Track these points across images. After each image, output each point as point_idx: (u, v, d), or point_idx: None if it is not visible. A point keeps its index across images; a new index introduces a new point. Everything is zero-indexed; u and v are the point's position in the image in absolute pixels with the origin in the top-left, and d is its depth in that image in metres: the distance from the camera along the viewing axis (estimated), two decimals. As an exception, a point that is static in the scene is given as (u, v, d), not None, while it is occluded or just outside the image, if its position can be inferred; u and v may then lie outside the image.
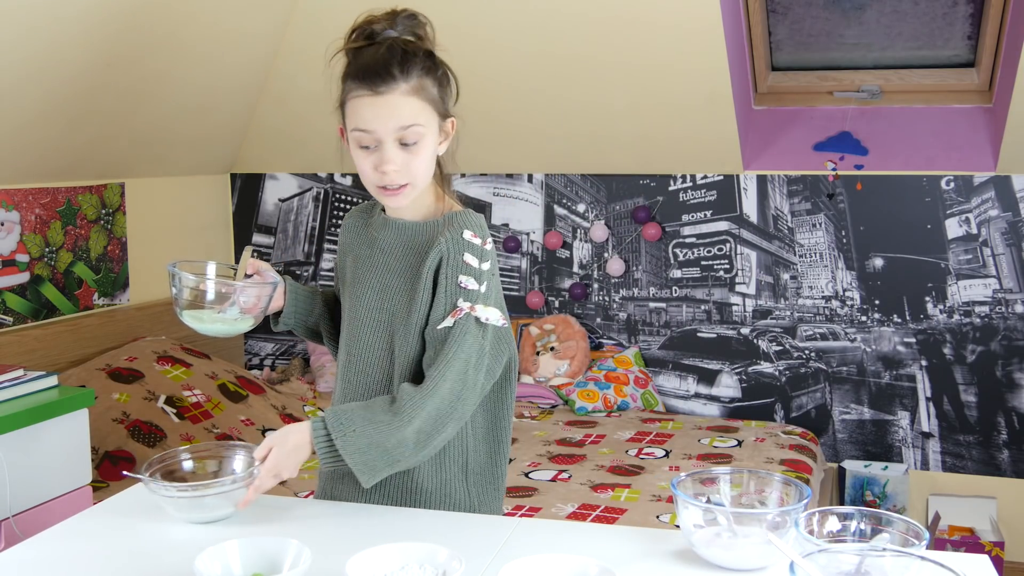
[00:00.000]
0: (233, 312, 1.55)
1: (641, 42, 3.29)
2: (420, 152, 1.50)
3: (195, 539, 1.40)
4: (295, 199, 4.21)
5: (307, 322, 1.74)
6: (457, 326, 1.48)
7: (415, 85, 1.48)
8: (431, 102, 1.51)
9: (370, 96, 1.47)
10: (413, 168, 1.50)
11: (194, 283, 1.54)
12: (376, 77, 1.47)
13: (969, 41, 3.47)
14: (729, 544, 1.31)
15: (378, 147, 1.49)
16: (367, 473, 1.44)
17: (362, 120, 1.48)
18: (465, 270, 1.50)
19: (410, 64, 1.48)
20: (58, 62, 2.83)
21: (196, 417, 3.17)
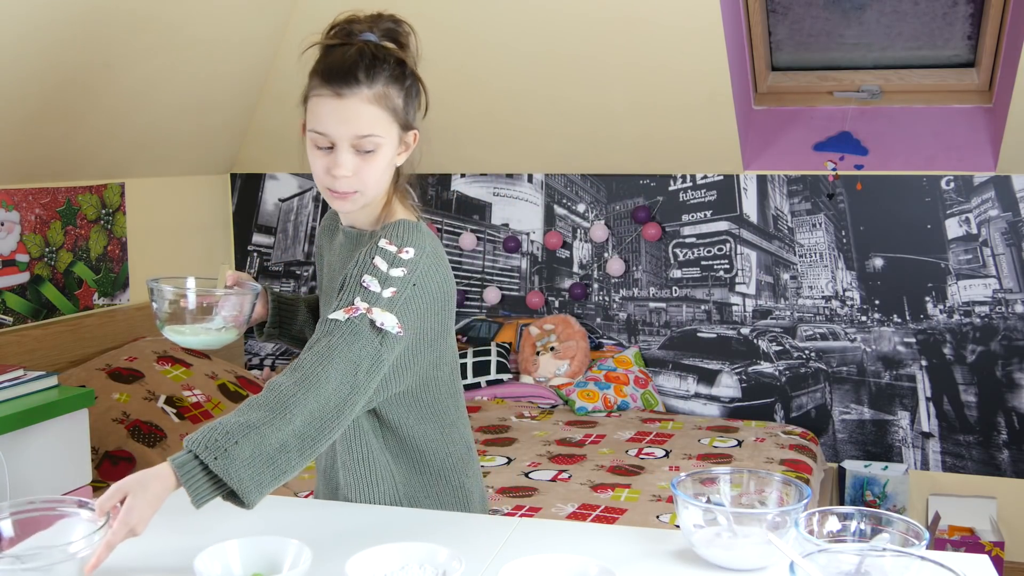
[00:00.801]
0: (216, 323, 1.52)
1: (641, 42, 3.29)
2: (374, 161, 1.47)
3: (195, 539, 1.39)
4: (295, 199, 4.21)
5: (291, 331, 1.72)
6: (349, 324, 1.37)
7: (378, 93, 1.45)
8: (392, 112, 1.47)
9: (331, 98, 1.44)
10: (365, 176, 1.47)
11: (174, 295, 1.51)
12: (340, 79, 1.43)
13: (969, 41, 3.47)
14: (729, 544, 1.31)
15: (333, 150, 1.46)
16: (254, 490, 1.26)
17: (320, 121, 1.45)
18: (371, 270, 1.43)
19: (377, 70, 1.44)
20: (58, 62, 2.83)
21: (196, 417, 3.17)
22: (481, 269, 4.06)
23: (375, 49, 1.47)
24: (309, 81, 1.49)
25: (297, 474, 1.38)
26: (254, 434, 1.27)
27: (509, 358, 3.91)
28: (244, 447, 1.25)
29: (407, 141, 1.53)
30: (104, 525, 1.26)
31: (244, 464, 1.25)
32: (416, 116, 1.53)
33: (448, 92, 3.58)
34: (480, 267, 4.06)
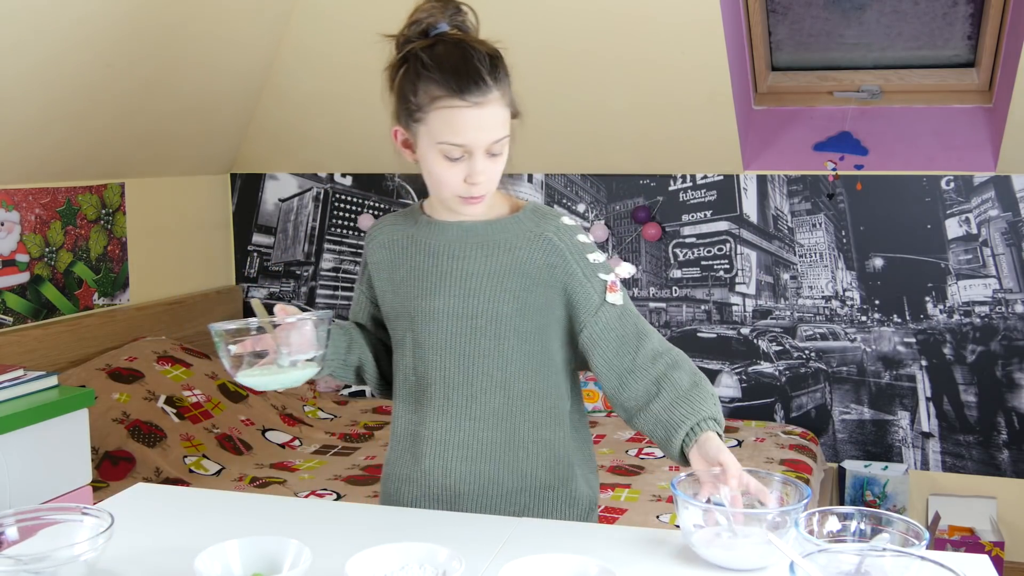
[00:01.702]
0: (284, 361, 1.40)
1: (641, 42, 3.29)
2: (502, 160, 1.47)
3: (195, 539, 1.39)
4: (295, 199, 4.21)
5: (347, 360, 1.59)
6: (625, 299, 1.53)
7: (503, 93, 1.43)
8: (511, 106, 1.46)
9: (468, 108, 1.39)
10: (494, 176, 1.46)
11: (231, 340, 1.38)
12: (472, 85, 1.38)
13: (969, 41, 3.47)
14: (729, 544, 1.31)
15: (465, 158, 1.42)
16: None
17: (456, 133, 1.40)
18: (588, 249, 1.51)
19: (497, 70, 1.42)
20: (59, 63, 2.83)
21: (196, 417, 3.17)
22: (481, 269, 4.05)
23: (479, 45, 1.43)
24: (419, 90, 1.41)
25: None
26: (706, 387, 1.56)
27: (509, 358, 3.90)
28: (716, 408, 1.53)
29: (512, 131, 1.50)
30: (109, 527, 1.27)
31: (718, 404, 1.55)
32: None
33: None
34: (480, 267, 4.05)
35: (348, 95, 3.68)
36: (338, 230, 4.17)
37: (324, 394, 3.85)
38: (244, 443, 3.19)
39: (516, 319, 1.49)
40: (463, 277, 1.51)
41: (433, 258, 1.53)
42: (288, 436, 3.33)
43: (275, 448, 3.24)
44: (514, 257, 1.49)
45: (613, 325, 1.51)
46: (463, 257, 1.51)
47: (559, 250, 1.48)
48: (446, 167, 1.43)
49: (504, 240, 1.50)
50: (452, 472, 1.53)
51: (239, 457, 3.12)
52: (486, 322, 1.50)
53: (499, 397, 1.51)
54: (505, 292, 1.49)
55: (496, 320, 1.50)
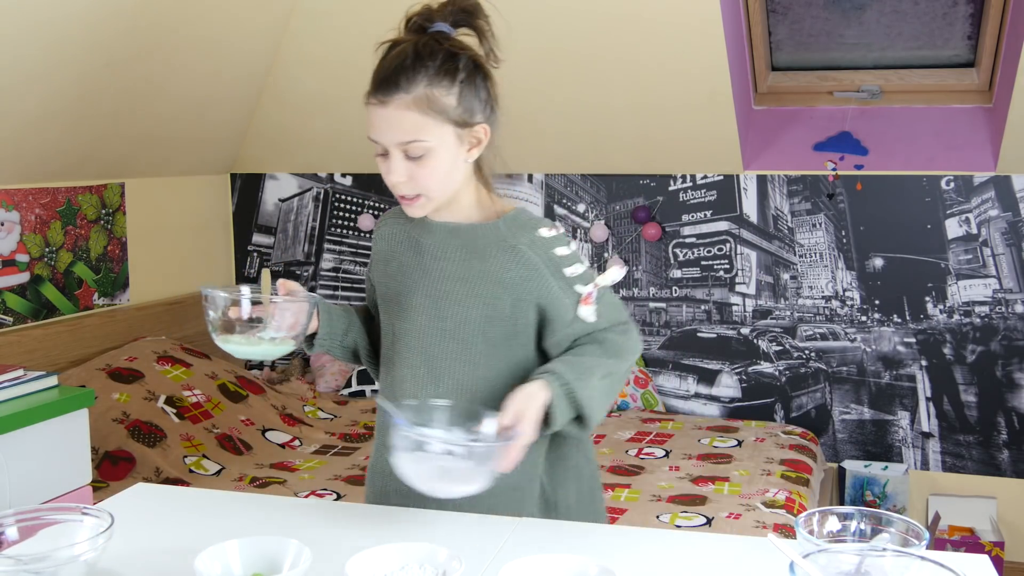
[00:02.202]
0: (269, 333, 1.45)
1: (641, 42, 3.28)
2: (428, 165, 1.43)
3: (195, 539, 1.40)
4: (295, 199, 4.21)
5: (343, 342, 1.64)
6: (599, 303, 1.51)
7: (419, 96, 1.40)
8: (441, 113, 1.42)
9: (375, 105, 1.43)
10: (421, 181, 1.44)
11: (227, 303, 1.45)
12: (381, 85, 1.42)
13: (969, 41, 3.47)
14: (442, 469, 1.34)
15: (387, 154, 1.45)
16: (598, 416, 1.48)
17: (370, 128, 1.45)
18: (564, 262, 1.50)
19: (417, 73, 1.41)
20: (58, 62, 2.83)
21: (196, 417, 3.17)
22: (481, 269, 4.05)
23: (422, 47, 1.42)
24: None
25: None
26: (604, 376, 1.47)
27: (509, 358, 3.90)
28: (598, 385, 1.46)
29: (476, 136, 1.48)
30: (109, 527, 1.27)
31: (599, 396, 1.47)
32: (483, 109, 1.48)
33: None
34: (480, 267, 4.05)
35: (348, 96, 3.67)
36: (338, 230, 4.17)
37: (324, 394, 3.85)
38: (244, 443, 3.19)
39: (484, 325, 1.50)
40: (439, 278, 1.52)
41: (419, 256, 1.55)
42: (288, 436, 3.33)
43: (275, 448, 3.24)
44: (487, 265, 1.49)
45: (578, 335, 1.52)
46: (443, 258, 1.53)
47: (532, 264, 1.47)
48: (378, 161, 1.48)
49: (480, 246, 1.51)
50: None
51: (239, 457, 3.12)
52: (455, 325, 1.51)
53: (463, 400, 1.51)
54: (475, 298, 1.49)
55: (464, 324, 1.50)
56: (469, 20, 1.48)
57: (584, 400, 1.44)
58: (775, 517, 2.63)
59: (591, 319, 1.50)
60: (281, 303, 1.46)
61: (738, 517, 2.63)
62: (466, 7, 1.47)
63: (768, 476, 2.97)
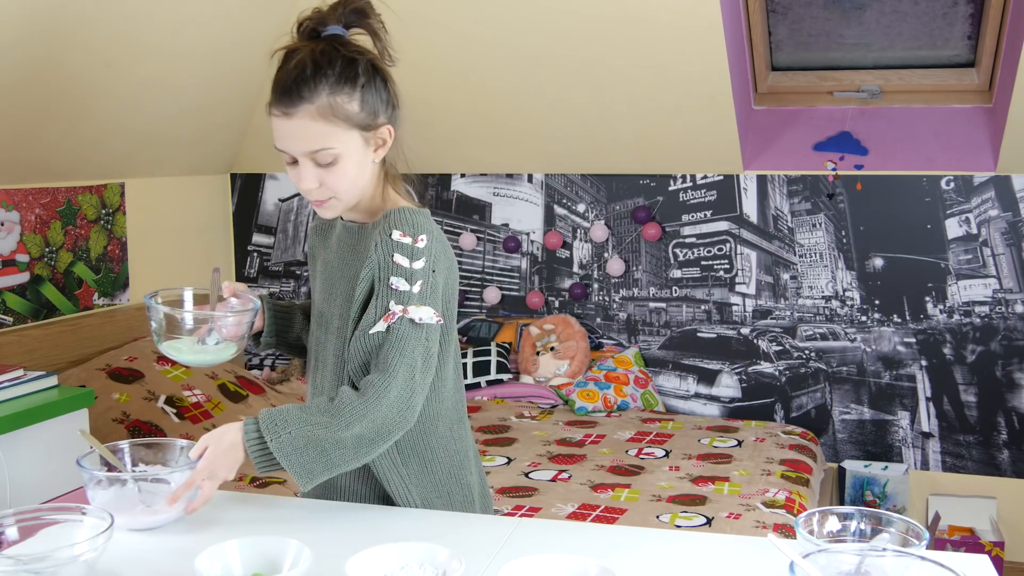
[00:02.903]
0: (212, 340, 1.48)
1: (641, 42, 3.29)
2: (337, 170, 1.45)
3: (195, 539, 1.40)
4: (295, 199, 4.21)
5: (287, 338, 1.70)
6: (392, 331, 1.41)
7: (322, 105, 1.41)
8: (344, 119, 1.43)
9: (279, 117, 1.44)
10: (332, 184, 1.46)
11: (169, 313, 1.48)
12: (284, 97, 1.43)
13: (969, 41, 3.47)
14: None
15: (296, 163, 1.46)
16: (304, 476, 1.39)
17: (276, 139, 1.46)
18: (396, 271, 1.43)
19: (318, 82, 1.41)
20: (58, 62, 2.83)
21: (196, 417, 3.17)
22: (481, 269, 4.06)
23: (319, 55, 1.42)
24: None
25: (355, 467, 1.44)
26: (308, 429, 1.38)
27: (509, 358, 3.91)
28: (298, 437, 1.38)
29: (381, 137, 1.49)
30: (109, 527, 1.27)
31: (296, 451, 1.38)
32: (385, 110, 1.48)
33: (448, 92, 3.58)
34: (480, 267, 4.06)
35: (348, 95, 3.68)
36: (338, 230, 4.17)
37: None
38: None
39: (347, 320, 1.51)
40: (332, 278, 1.57)
41: (326, 251, 1.61)
42: (288, 436, 3.33)
43: (275, 448, 3.24)
44: (362, 264, 1.49)
45: (364, 350, 1.44)
46: (338, 257, 1.57)
47: (372, 262, 1.46)
48: (288, 169, 1.49)
49: (358, 245, 1.54)
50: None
51: (239, 457, 3.12)
52: (332, 318, 1.55)
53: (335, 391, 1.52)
54: (344, 293, 1.53)
55: (337, 317, 1.54)
56: (361, 20, 1.48)
57: (275, 451, 1.38)
58: (775, 517, 2.63)
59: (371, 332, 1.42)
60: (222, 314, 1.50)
61: (738, 517, 2.63)
62: (357, 7, 1.47)
63: (768, 476, 2.97)
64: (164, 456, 1.54)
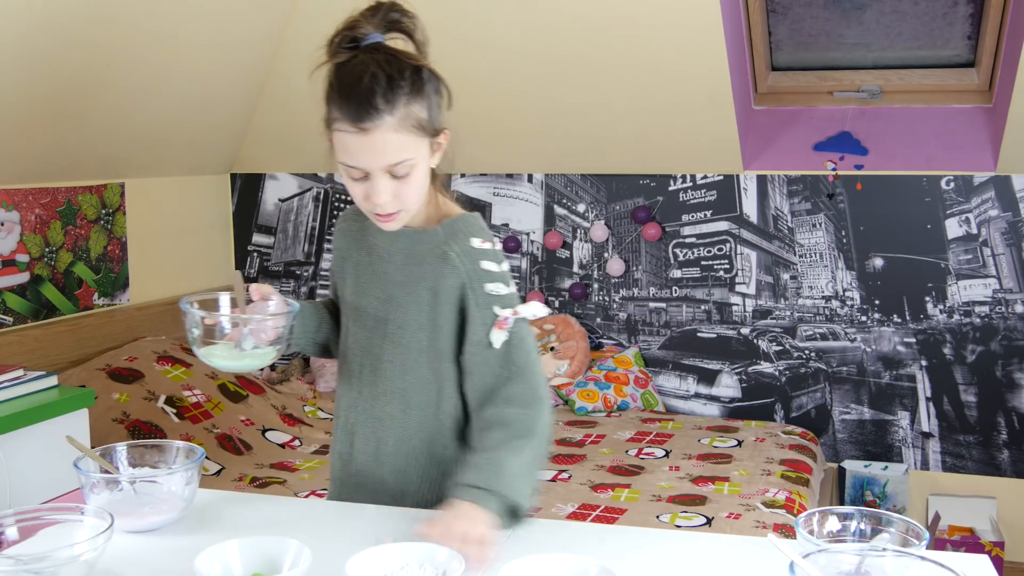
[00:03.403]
0: (248, 345, 1.45)
1: (641, 42, 3.29)
2: (411, 181, 1.44)
3: (195, 539, 1.40)
4: (295, 199, 4.21)
5: (315, 338, 1.66)
6: (513, 336, 1.46)
7: (401, 116, 1.39)
8: (420, 129, 1.42)
9: (354, 133, 1.39)
10: (404, 196, 1.44)
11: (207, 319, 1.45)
12: (360, 111, 1.38)
13: (969, 41, 3.47)
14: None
15: (367, 178, 1.42)
16: (529, 499, 1.44)
17: (348, 156, 1.41)
18: (489, 278, 1.47)
19: (396, 93, 1.38)
20: (59, 62, 2.83)
21: (196, 417, 3.17)
22: (481, 269, 4.05)
23: (387, 66, 1.39)
24: (327, 106, 1.43)
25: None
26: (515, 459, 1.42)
27: (509, 358, 3.90)
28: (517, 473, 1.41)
29: (438, 143, 1.49)
30: (109, 527, 1.27)
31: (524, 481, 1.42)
32: (442, 116, 1.48)
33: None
34: (480, 267, 4.05)
35: (348, 95, 3.68)
36: (338, 230, 4.17)
37: (324, 394, 3.85)
38: (244, 443, 3.19)
39: (419, 333, 1.50)
40: (385, 282, 1.53)
41: (369, 256, 1.56)
42: (288, 436, 3.33)
43: (275, 448, 3.24)
44: (424, 271, 1.49)
45: (490, 361, 1.47)
46: (389, 262, 1.53)
47: (458, 272, 1.47)
48: (351, 184, 1.45)
49: (419, 251, 1.51)
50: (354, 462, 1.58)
51: (239, 457, 3.12)
52: (395, 329, 1.52)
53: (397, 405, 1.53)
54: (413, 304, 1.50)
55: (403, 329, 1.51)
56: (398, 24, 1.46)
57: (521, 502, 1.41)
58: (775, 517, 2.63)
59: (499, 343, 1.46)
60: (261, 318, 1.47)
61: (738, 517, 2.63)
62: (394, 11, 1.46)
63: (768, 476, 2.97)
64: (162, 457, 1.54)
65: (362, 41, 1.43)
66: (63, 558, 1.22)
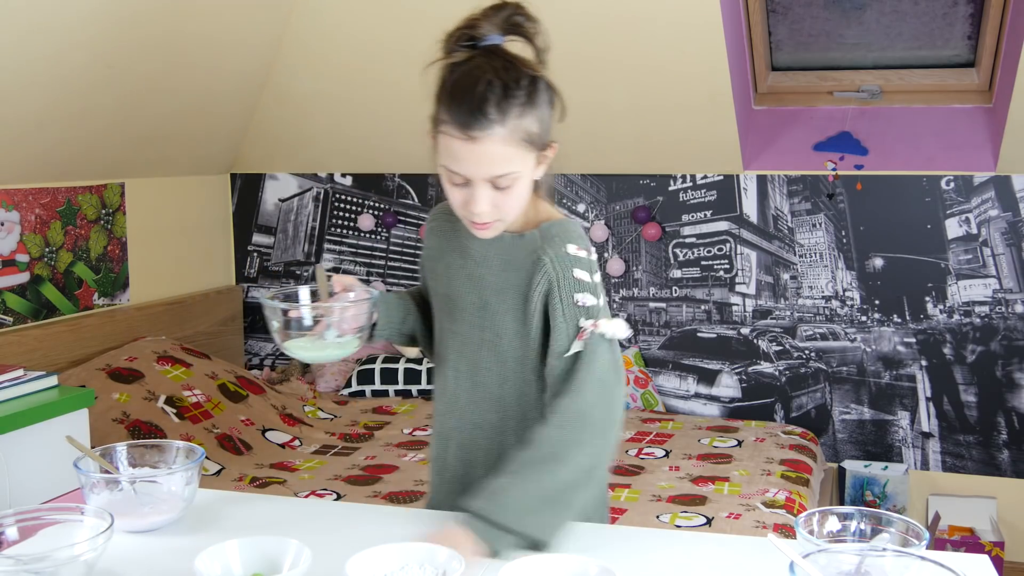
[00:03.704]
0: (331, 335, 1.44)
1: (641, 42, 3.28)
2: (512, 193, 1.40)
3: (195, 539, 1.39)
4: (295, 199, 4.21)
5: (402, 329, 1.62)
6: (586, 351, 1.40)
7: (512, 128, 1.35)
8: (528, 143, 1.38)
9: (462, 140, 1.34)
10: (504, 207, 1.40)
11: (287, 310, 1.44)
12: (471, 119, 1.33)
13: (969, 41, 3.47)
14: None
15: (468, 185, 1.38)
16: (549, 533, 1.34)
17: (452, 161, 1.37)
18: (578, 287, 1.42)
19: (509, 103, 1.34)
20: (59, 62, 2.83)
21: (196, 417, 3.17)
22: (481, 269, 4.05)
23: (504, 74, 1.35)
24: (436, 105, 1.39)
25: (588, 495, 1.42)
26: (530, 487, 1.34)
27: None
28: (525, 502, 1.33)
29: (545, 155, 1.45)
30: (109, 527, 1.27)
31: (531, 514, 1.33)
32: (553, 127, 1.44)
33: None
34: (480, 267, 4.05)
35: (348, 95, 3.68)
36: (338, 230, 4.17)
37: (324, 394, 3.85)
38: (244, 443, 3.19)
39: (515, 340, 1.47)
40: (480, 288, 1.49)
41: (463, 259, 1.52)
42: (288, 436, 3.33)
43: (275, 448, 3.24)
44: (520, 277, 1.46)
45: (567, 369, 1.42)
46: (485, 267, 1.49)
47: (550, 278, 1.43)
48: (450, 188, 1.42)
49: (516, 257, 1.47)
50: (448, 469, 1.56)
51: (239, 457, 3.12)
52: (492, 337, 1.49)
53: (494, 412, 1.51)
54: (510, 312, 1.47)
55: (499, 336, 1.48)
56: (519, 28, 1.43)
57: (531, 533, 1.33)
58: (775, 517, 2.63)
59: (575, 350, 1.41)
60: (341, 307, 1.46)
61: (738, 517, 2.63)
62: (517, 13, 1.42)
63: (768, 476, 2.97)
64: (162, 457, 1.54)
65: (480, 41, 1.39)
66: (63, 558, 1.22)
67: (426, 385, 3.82)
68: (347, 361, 3.98)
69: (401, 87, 3.73)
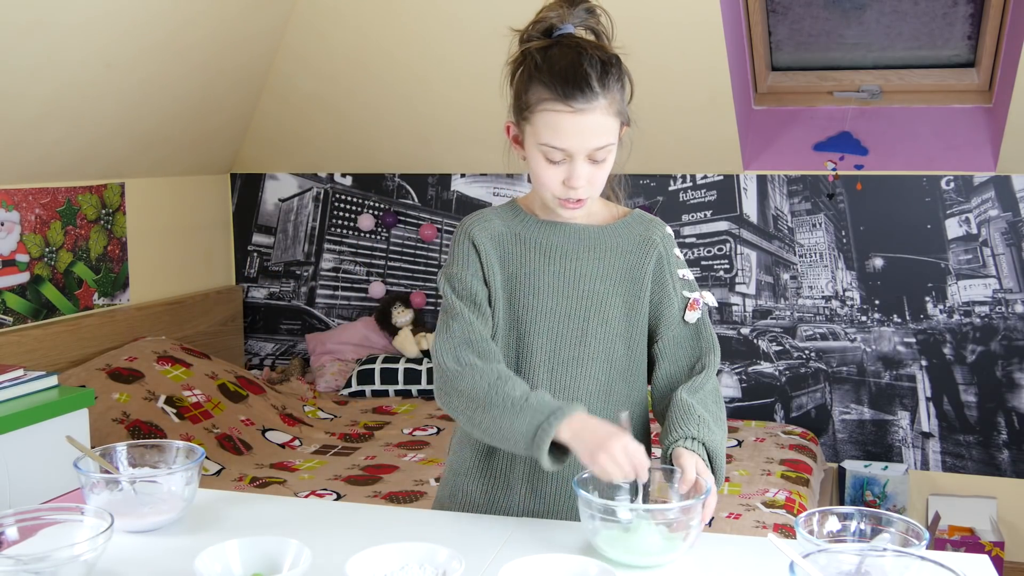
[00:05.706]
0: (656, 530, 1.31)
1: (641, 42, 3.27)
2: (604, 167, 1.46)
3: (195, 539, 1.40)
4: (295, 199, 4.21)
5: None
6: (703, 315, 1.56)
7: (611, 100, 1.41)
8: (620, 116, 1.45)
9: (568, 113, 1.39)
10: (596, 182, 1.46)
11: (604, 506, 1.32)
12: (577, 92, 1.39)
13: (969, 41, 3.47)
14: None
15: (566, 162, 1.43)
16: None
17: (555, 137, 1.41)
18: (679, 264, 1.56)
19: (609, 77, 1.41)
20: (58, 62, 2.83)
21: (196, 417, 3.17)
22: (481, 269, 4.05)
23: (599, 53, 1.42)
24: (528, 89, 1.43)
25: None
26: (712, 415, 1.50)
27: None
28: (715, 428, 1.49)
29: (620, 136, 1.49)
30: (109, 527, 1.26)
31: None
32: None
33: (449, 91, 3.58)
34: (480, 267, 4.05)
35: (348, 95, 3.68)
36: (338, 230, 4.17)
37: (324, 394, 3.85)
38: (244, 443, 3.19)
39: (624, 324, 1.52)
40: (577, 279, 1.51)
41: (545, 257, 1.52)
42: (288, 436, 3.33)
43: (275, 448, 3.24)
44: (625, 262, 1.52)
45: (684, 343, 1.55)
46: (577, 259, 1.52)
47: (661, 258, 1.54)
48: (546, 168, 1.45)
49: (616, 244, 1.53)
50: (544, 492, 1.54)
51: (239, 457, 3.12)
52: (597, 325, 1.51)
53: (600, 401, 1.52)
54: (616, 296, 1.52)
55: (606, 323, 1.51)
56: (587, 21, 1.49)
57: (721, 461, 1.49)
58: (775, 517, 2.63)
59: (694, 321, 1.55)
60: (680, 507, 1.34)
61: (738, 517, 2.63)
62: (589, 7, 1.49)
63: (768, 476, 2.97)
64: (162, 457, 1.54)
65: (555, 31, 1.46)
66: (63, 558, 1.22)
67: (426, 385, 3.81)
68: (347, 362, 3.98)
69: (401, 87, 3.73)
